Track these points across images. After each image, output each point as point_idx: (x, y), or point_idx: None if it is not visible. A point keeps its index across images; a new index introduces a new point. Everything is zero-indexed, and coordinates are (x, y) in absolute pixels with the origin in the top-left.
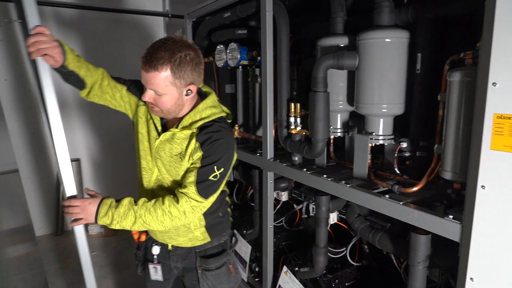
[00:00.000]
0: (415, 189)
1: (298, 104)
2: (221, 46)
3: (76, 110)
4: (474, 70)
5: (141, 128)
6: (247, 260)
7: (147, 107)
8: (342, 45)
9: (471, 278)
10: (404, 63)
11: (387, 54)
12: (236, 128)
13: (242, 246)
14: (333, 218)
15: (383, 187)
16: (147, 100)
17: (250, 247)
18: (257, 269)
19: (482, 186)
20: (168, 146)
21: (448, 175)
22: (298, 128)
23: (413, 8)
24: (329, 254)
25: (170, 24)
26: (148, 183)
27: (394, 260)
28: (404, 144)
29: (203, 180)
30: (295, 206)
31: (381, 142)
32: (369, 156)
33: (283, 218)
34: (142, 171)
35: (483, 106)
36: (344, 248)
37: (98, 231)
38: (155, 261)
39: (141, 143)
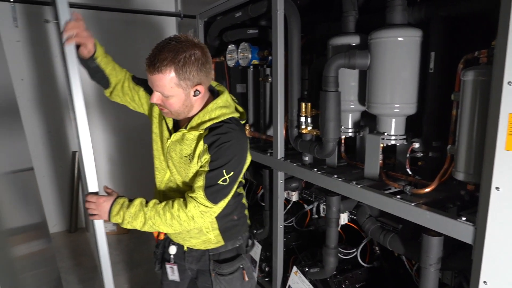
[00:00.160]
0: (427, 190)
1: (309, 104)
2: (232, 46)
3: (96, 108)
4: (489, 69)
5: (155, 127)
6: (257, 259)
7: None
8: (353, 44)
9: (485, 282)
10: (417, 62)
11: (399, 53)
12: (247, 127)
13: None
14: (344, 218)
15: (395, 188)
16: (155, 102)
17: (260, 246)
18: (267, 268)
19: (497, 187)
20: (179, 147)
21: (462, 176)
22: (309, 127)
23: (426, 6)
24: (339, 255)
25: (182, 24)
26: (160, 183)
27: (406, 262)
28: (417, 145)
29: (211, 184)
30: (305, 206)
31: (393, 142)
32: (381, 157)
33: (294, 218)
34: (155, 171)
35: (498, 105)
36: (355, 249)
37: (110, 229)
38: (172, 261)
39: (155, 143)
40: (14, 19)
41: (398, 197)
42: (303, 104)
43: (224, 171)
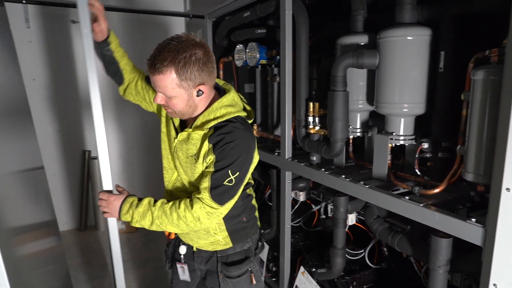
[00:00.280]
0: (436, 191)
1: (317, 104)
2: (241, 45)
3: (109, 107)
4: (500, 68)
5: (163, 127)
6: (265, 259)
7: None
8: (362, 44)
9: (495, 284)
10: (426, 62)
11: (408, 52)
12: (255, 127)
13: None
14: (352, 219)
15: (403, 189)
16: (158, 102)
17: (267, 246)
18: (274, 268)
19: (507, 188)
20: (185, 147)
21: (471, 177)
22: (317, 127)
23: (436, 4)
24: (347, 255)
25: (191, 24)
26: (168, 183)
27: (414, 264)
28: (426, 145)
29: (217, 185)
30: (313, 207)
31: (401, 142)
32: (389, 157)
33: (301, 218)
34: (163, 170)
35: (509, 105)
36: (363, 250)
37: (120, 227)
38: (182, 260)
39: (163, 143)
40: (26, 19)
41: (407, 197)
42: (311, 103)
43: (229, 171)
